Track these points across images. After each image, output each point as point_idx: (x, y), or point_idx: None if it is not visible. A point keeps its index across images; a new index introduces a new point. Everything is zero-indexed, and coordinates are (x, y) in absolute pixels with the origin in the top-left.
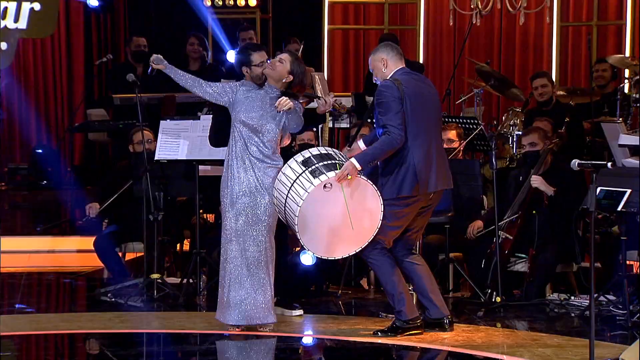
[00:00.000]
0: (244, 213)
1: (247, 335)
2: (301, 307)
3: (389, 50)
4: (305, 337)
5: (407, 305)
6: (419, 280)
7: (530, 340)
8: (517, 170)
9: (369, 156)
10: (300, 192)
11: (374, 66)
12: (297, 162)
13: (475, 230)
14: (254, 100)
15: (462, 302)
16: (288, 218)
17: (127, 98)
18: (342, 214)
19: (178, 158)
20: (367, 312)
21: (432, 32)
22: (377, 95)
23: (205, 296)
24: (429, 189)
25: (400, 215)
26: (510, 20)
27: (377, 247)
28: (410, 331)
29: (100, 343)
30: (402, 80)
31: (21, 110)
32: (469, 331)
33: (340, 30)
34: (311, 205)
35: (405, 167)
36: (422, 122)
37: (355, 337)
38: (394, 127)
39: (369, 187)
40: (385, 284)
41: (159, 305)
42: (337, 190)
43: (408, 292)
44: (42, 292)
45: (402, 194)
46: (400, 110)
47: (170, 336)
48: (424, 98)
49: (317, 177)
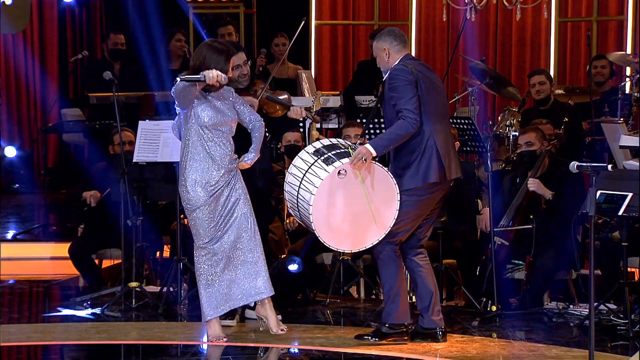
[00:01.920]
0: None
1: (229, 346)
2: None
3: (392, 39)
4: (291, 348)
5: (398, 310)
6: (422, 284)
7: (528, 351)
8: (514, 172)
9: (385, 141)
10: (314, 181)
11: (377, 55)
12: (309, 152)
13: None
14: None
15: (456, 311)
16: (302, 210)
17: (104, 97)
18: (358, 203)
19: (158, 160)
20: (356, 322)
21: (424, 27)
22: (389, 80)
23: (186, 305)
24: (452, 176)
25: (421, 205)
26: (507, 16)
27: (391, 244)
28: (393, 337)
29: (75, 355)
30: (414, 64)
31: None
32: (463, 342)
33: (328, 25)
34: (326, 194)
35: (430, 153)
36: (437, 107)
37: (343, 348)
38: (410, 111)
39: (384, 173)
40: (385, 282)
41: (138, 315)
42: (352, 177)
43: (406, 297)
44: (13, 302)
45: (429, 180)
46: (415, 95)
47: (150, 347)
48: (434, 84)
49: (331, 164)
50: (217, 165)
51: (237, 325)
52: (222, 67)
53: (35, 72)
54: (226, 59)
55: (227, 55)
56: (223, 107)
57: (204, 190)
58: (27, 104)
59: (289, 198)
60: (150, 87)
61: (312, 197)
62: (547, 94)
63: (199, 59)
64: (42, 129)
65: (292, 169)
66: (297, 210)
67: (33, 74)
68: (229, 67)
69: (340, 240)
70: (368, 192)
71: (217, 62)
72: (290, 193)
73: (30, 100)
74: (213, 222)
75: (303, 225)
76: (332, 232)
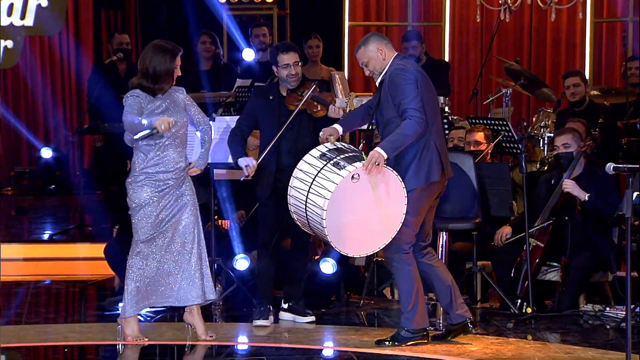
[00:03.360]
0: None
1: (263, 346)
2: (313, 314)
3: (381, 39)
4: (325, 350)
5: (417, 315)
6: (438, 283)
7: (563, 354)
8: (549, 174)
9: (395, 142)
10: (326, 185)
11: (370, 57)
12: (314, 157)
13: (503, 237)
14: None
15: (490, 313)
16: (311, 215)
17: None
18: (369, 207)
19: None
20: (390, 323)
21: (458, 29)
22: (390, 80)
23: (220, 306)
24: (449, 174)
25: (424, 205)
26: (541, 16)
27: (402, 249)
28: (414, 341)
29: (111, 355)
30: (410, 64)
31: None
32: (498, 344)
33: (361, 27)
34: (339, 199)
35: (430, 152)
36: (434, 105)
37: (377, 349)
38: (415, 110)
39: (393, 176)
40: (402, 288)
41: (173, 316)
42: (364, 181)
43: (423, 302)
44: (50, 302)
45: (432, 179)
46: (418, 94)
47: (184, 348)
48: (429, 82)
49: (343, 169)
50: (165, 167)
51: (271, 325)
52: (168, 66)
53: (71, 74)
54: (171, 58)
55: (172, 54)
56: (173, 111)
57: (151, 189)
58: (63, 106)
59: (295, 203)
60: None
61: (326, 201)
62: (582, 96)
63: (145, 61)
64: (78, 131)
65: (298, 173)
66: (304, 216)
67: (69, 76)
68: (174, 66)
69: (351, 244)
70: (379, 195)
71: (162, 62)
72: (297, 198)
73: (66, 101)
74: (154, 222)
75: (304, 229)
76: (344, 237)
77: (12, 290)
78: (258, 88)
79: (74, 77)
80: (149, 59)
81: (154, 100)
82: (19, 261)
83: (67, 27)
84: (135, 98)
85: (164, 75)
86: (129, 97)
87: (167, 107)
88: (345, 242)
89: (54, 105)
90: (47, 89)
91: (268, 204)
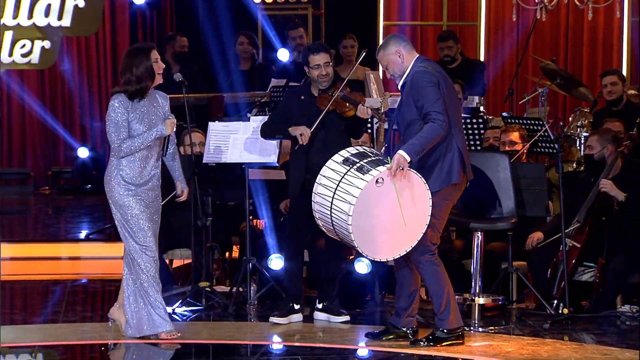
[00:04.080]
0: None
1: (298, 346)
2: (347, 314)
3: (400, 41)
4: (359, 350)
5: (451, 315)
6: (408, 286)
7: (600, 355)
8: (585, 174)
9: (418, 146)
10: (350, 190)
11: (389, 61)
12: (337, 162)
13: (534, 242)
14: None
15: (526, 314)
16: (336, 221)
17: (174, 98)
18: (393, 210)
19: (227, 161)
20: (424, 323)
21: (493, 28)
22: (412, 82)
23: (255, 306)
24: (470, 176)
25: (447, 207)
26: (578, 15)
27: (428, 250)
28: (449, 341)
29: (147, 354)
30: (432, 66)
31: (65, 112)
32: (534, 344)
33: (396, 26)
34: (363, 204)
35: (451, 154)
36: (456, 108)
37: (412, 349)
38: (438, 113)
39: (418, 179)
40: (432, 291)
41: (208, 315)
42: (389, 186)
43: (455, 302)
44: (87, 301)
45: (453, 181)
46: (440, 97)
47: (220, 347)
48: (450, 84)
49: (367, 173)
50: (149, 167)
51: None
52: (145, 63)
53: (108, 73)
54: (146, 56)
55: (145, 52)
56: (155, 117)
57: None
58: (100, 105)
59: (319, 209)
60: (219, 89)
61: (351, 207)
62: (620, 95)
63: (125, 71)
64: None
65: (321, 179)
66: (329, 222)
67: (105, 76)
68: (151, 62)
69: (377, 248)
70: (403, 199)
71: (139, 64)
72: (321, 204)
73: (102, 101)
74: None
75: (330, 235)
76: (370, 241)
77: (50, 289)
78: (291, 88)
79: (110, 77)
80: (127, 67)
81: (136, 105)
82: (56, 260)
83: (104, 28)
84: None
85: (145, 73)
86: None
87: (147, 117)
88: (371, 247)
89: (90, 106)
90: (84, 89)
91: (297, 202)
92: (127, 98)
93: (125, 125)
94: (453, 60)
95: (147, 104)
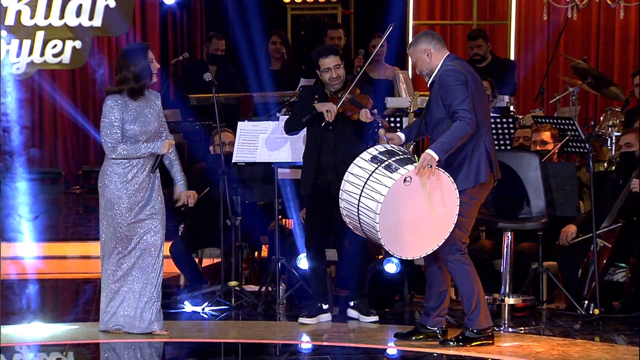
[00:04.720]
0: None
1: (328, 346)
2: (377, 314)
3: (430, 39)
4: (389, 349)
5: (481, 315)
6: (438, 285)
7: (632, 356)
8: (616, 173)
9: (446, 144)
10: (378, 189)
11: (417, 58)
12: (365, 160)
13: (569, 236)
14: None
15: (557, 314)
16: (363, 219)
17: (204, 98)
18: (421, 209)
19: (256, 161)
20: (453, 323)
21: (524, 27)
22: (440, 81)
23: (284, 305)
24: (498, 175)
25: (475, 206)
26: (609, 14)
27: (457, 249)
28: (479, 341)
29: (176, 353)
30: (461, 64)
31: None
32: (565, 345)
33: (426, 26)
34: (391, 202)
35: (479, 153)
36: (485, 107)
37: (442, 350)
38: (466, 112)
39: (446, 178)
40: (462, 291)
41: (237, 314)
42: (417, 184)
43: (485, 302)
44: None
45: (481, 180)
46: (468, 95)
47: (249, 346)
48: (480, 83)
49: (395, 172)
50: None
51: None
52: (143, 63)
53: None
54: (143, 55)
55: (143, 51)
56: (150, 117)
57: (125, 188)
58: None
59: (346, 206)
60: (249, 89)
61: (379, 205)
62: None
63: (122, 69)
64: None
65: (349, 177)
66: (356, 219)
67: None
68: (148, 61)
69: (404, 247)
70: (431, 198)
71: (138, 62)
72: (349, 202)
73: None
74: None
75: (356, 232)
76: (397, 240)
77: (80, 288)
78: (306, 87)
79: None
80: (124, 65)
81: (131, 105)
82: (87, 259)
83: (134, 28)
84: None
85: (144, 71)
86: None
87: (142, 118)
88: (398, 245)
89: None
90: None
91: (308, 201)
92: (121, 98)
93: (119, 126)
94: (483, 59)
95: (142, 104)
